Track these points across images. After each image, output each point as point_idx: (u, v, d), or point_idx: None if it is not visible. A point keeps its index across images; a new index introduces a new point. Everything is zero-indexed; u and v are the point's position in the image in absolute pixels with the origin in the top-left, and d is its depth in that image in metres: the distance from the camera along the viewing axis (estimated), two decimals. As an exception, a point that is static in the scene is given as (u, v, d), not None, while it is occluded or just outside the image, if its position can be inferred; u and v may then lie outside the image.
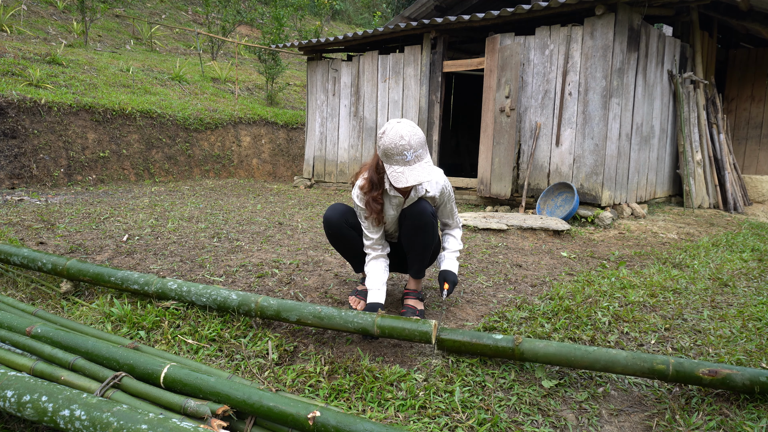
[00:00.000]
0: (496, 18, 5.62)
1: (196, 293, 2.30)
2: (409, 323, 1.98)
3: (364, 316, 2.03)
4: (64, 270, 2.55)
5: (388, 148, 2.05)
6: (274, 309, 2.14)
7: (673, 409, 1.73)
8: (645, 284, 3.02)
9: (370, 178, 2.27)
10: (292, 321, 2.11)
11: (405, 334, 1.98)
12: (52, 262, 2.58)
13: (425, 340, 1.95)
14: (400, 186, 2.04)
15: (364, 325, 2.01)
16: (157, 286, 2.36)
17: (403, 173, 2.05)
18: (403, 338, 1.99)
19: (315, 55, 7.93)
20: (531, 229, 4.50)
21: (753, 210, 6.72)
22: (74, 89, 7.73)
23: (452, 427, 1.64)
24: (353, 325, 2.03)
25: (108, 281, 2.46)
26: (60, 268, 2.56)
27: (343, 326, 2.04)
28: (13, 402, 1.45)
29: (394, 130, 2.07)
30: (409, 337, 1.97)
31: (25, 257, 2.65)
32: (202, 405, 1.49)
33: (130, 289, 2.41)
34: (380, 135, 2.12)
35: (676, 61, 6.40)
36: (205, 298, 2.27)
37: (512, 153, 5.68)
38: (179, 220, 4.64)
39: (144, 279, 2.40)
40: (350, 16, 21.02)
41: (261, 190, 7.29)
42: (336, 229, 2.41)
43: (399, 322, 2.00)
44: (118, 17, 13.43)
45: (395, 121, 2.12)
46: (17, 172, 6.31)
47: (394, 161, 2.07)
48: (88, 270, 2.50)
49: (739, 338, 2.26)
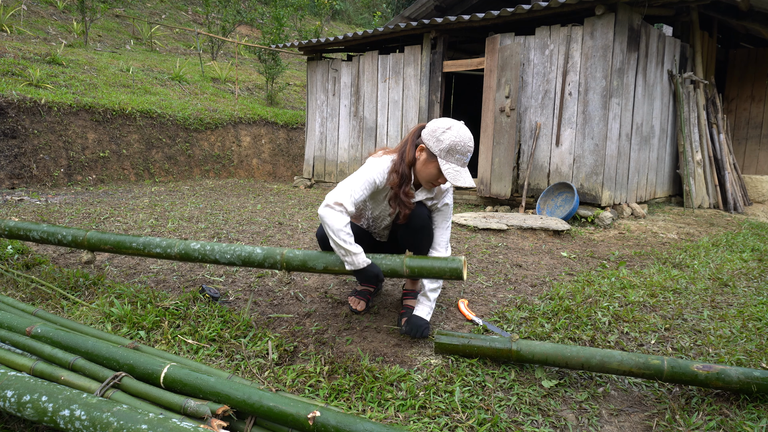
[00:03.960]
0: (496, 18, 5.62)
1: (220, 251, 2.28)
2: (438, 261, 1.99)
3: (393, 258, 2.05)
4: (85, 241, 2.60)
5: (456, 145, 2.05)
6: (300, 259, 2.14)
7: (673, 409, 1.73)
8: (645, 284, 3.02)
9: (402, 171, 2.15)
10: (319, 269, 2.12)
11: (435, 272, 2.00)
12: (72, 234, 2.63)
13: (456, 276, 1.97)
14: (458, 184, 2.04)
15: (393, 266, 2.03)
16: (180, 248, 2.37)
17: (459, 173, 2.07)
18: (432, 276, 2.02)
19: (315, 55, 7.93)
20: (531, 229, 4.49)
21: (753, 210, 6.71)
22: (74, 89, 7.73)
23: (452, 427, 1.64)
24: (384, 268, 2.04)
25: (130, 247, 2.48)
26: (81, 239, 2.61)
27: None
28: (13, 402, 1.45)
29: (462, 130, 2.09)
30: (439, 275, 2.00)
31: (45, 231, 2.69)
32: (202, 405, 1.49)
33: (152, 253, 2.42)
34: (444, 129, 2.07)
35: (676, 61, 6.40)
36: (230, 254, 2.26)
37: (512, 153, 5.68)
38: (179, 220, 4.63)
39: (166, 242, 2.41)
40: (350, 16, 21.01)
41: (261, 190, 7.29)
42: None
43: (428, 261, 2.02)
44: (118, 17, 13.43)
45: (459, 122, 2.12)
46: (17, 172, 6.31)
47: (454, 159, 2.07)
48: (109, 239, 2.55)
49: (739, 338, 2.26)
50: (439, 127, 2.09)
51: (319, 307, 2.56)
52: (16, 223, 2.82)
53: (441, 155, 2.06)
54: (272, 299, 2.66)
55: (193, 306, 2.42)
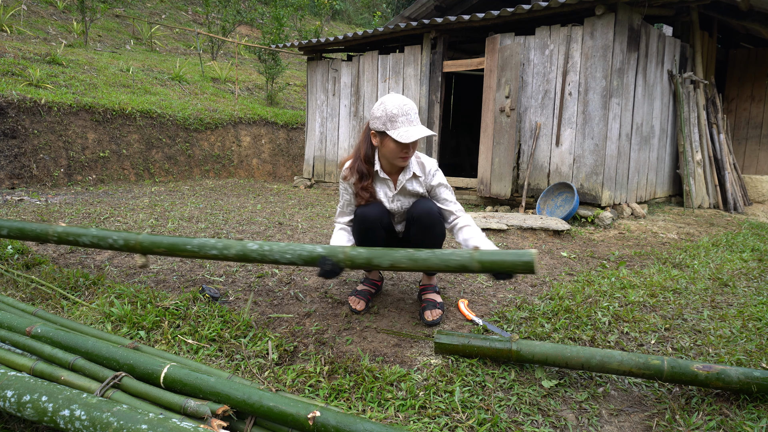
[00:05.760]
0: (496, 18, 5.62)
1: (280, 251, 2.22)
2: (510, 255, 1.91)
3: (462, 253, 1.97)
4: (137, 244, 2.52)
5: (392, 110, 2.15)
6: (364, 257, 2.08)
7: (673, 409, 1.73)
8: (645, 284, 3.02)
9: (358, 169, 2.34)
10: (385, 267, 2.04)
11: (506, 266, 1.91)
12: (124, 238, 2.56)
13: (528, 270, 1.88)
14: (409, 140, 2.13)
15: (463, 262, 1.95)
16: (237, 249, 2.29)
17: (408, 131, 2.15)
18: (504, 270, 1.93)
19: (315, 55, 7.93)
20: (531, 229, 4.50)
21: (753, 210, 6.71)
22: (74, 89, 7.72)
23: (452, 427, 1.64)
24: (452, 263, 1.97)
25: (184, 250, 2.40)
26: (132, 242, 2.53)
27: (442, 266, 1.98)
28: (13, 402, 1.45)
29: (392, 96, 2.21)
30: (511, 268, 1.90)
31: (95, 236, 2.62)
32: (202, 405, 1.49)
33: (208, 255, 2.35)
34: (377, 107, 2.22)
35: (676, 61, 6.40)
36: (290, 254, 2.19)
37: (512, 153, 5.68)
38: (179, 220, 4.64)
39: (222, 244, 2.33)
40: (350, 16, 21.01)
41: (261, 190, 7.29)
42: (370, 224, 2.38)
43: (498, 255, 1.92)
44: (118, 17, 13.43)
45: (389, 94, 2.25)
46: (17, 172, 6.31)
47: (399, 123, 2.16)
48: (162, 242, 2.47)
49: (739, 338, 2.26)
50: (374, 108, 2.25)
51: (319, 307, 2.56)
52: (64, 228, 2.71)
53: (387, 127, 2.19)
54: (272, 299, 2.66)
55: (193, 306, 2.42)
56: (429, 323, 2.35)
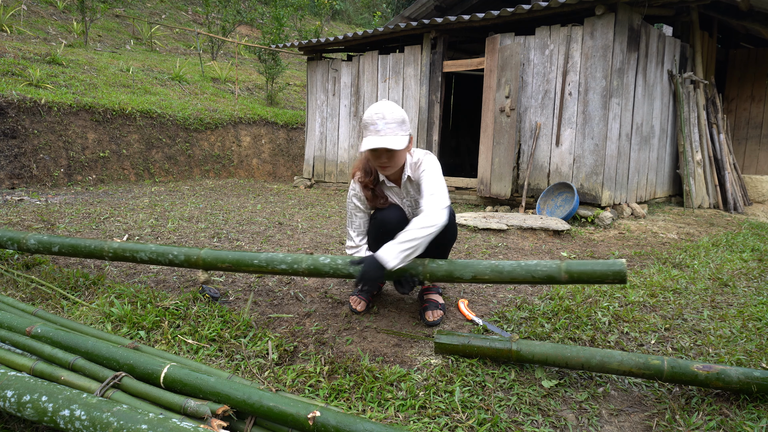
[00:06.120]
0: (496, 18, 5.62)
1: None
2: (599, 264, 1.85)
3: (549, 264, 1.94)
4: (199, 260, 2.44)
5: (366, 121, 2.17)
6: (444, 270, 2.06)
7: (673, 409, 1.73)
8: (645, 284, 3.02)
9: (364, 167, 2.39)
10: (467, 279, 2.01)
11: (596, 277, 1.85)
12: (185, 254, 2.47)
13: (620, 279, 1.83)
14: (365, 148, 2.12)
15: (550, 273, 1.92)
16: (308, 263, 2.22)
17: (369, 139, 2.13)
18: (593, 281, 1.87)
19: (315, 55, 7.93)
20: (531, 229, 4.50)
21: (753, 210, 6.71)
22: (74, 89, 7.72)
23: (452, 427, 1.64)
24: (539, 275, 1.94)
25: (251, 264, 2.32)
26: (194, 258, 2.45)
27: (528, 277, 1.95)
28: (13, 402, 1.45)
29: (373, 105, 2.20)
30: (601, 278, 1.85)
31: (153, 252, 2.54)
32: (202, 405, 1.49)
33: (276, 270, 2.26)
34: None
35: (676, 61, 6.40)
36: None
37: (512, 153, 5.68)
38: (179, 220, 4.63)
39: (292, 258, 2.25)
40: (350, 16, 21.01)
41: (261, 190, 7.29)
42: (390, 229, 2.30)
43: (588, 265, 1.88)
44: (118, 17, 13.43)
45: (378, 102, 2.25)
46: (17, 172, 6.31)
47: (368, 132, 2.16)
48: (226, 257, 2.39)
49: (739, 338, 2.26)
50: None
51: (319, 307, 2.56)
52: (120, 244, 2.64)
53: (362, 136, 2.24)
54: (272, 299, 2.66)
55: (193, 306, 2.42)
56: (430, 323, 2.35)
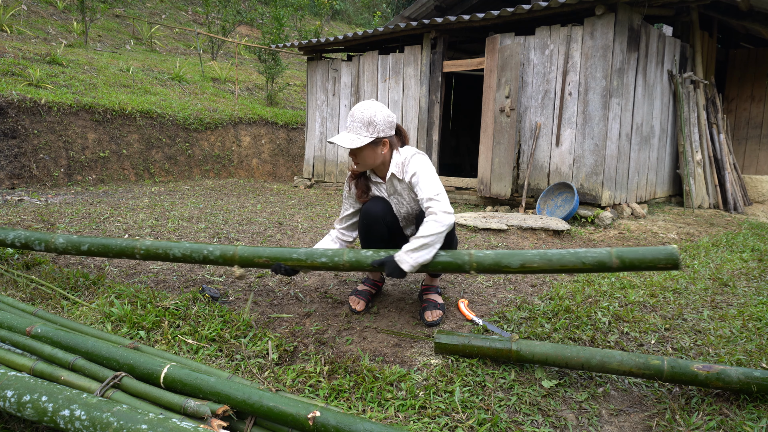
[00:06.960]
0: (496, 18, 5.62)
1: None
2: (651, 250, 1.82)
3: (599, 250, 1.91)
4: (235, 256, 2.43)
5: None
6: (492, 259, 2.05)
7: (673, 409, 1.73)
8: (645, 284, 3.02)
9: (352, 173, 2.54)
10: (515, 268, 2.00)
11: (648, 263, 1.82)
12: (221, 250, 2.46)
13: (673, 264, 1.80)
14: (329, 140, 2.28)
15: (601, 258, 1.90)
16: (350, 256, 2.21)
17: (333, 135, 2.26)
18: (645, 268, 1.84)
19: (315, 55, 7.93)
20: (531, 229, 4.49)
21: (753, 210, 6.71)
22: (74, 89, 7.72)
23: (452, 427, 1.64)
24: (589, 261, 1.91)
25: (290, 258, 2.31)
26: (230, 254, 2.44)
27: (578, 264, 1.93)
28: (13, 402, 1.45)
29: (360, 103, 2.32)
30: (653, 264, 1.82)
31: (187, 249, 2.51)
32: (202, 405, 1.49)
33: (316, 264, 2.26)
34: None
35: (676, 61, 6.40)
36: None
37: (512, 153, 5.68)
38: (179, 220, 4.64)
39: (332, 251, 2.25)
40: (350, 16, 21.01)
41: (261, 190, 7.29)
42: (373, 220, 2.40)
43: (639, 251, 1.85)
44: (118, 17, 13.43)
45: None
46: (17, 172, 6.31)
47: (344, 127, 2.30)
48: (263, 252, 2.38)
49: (739, 338, 2.26)
50: None
51: (319, 307, 2.56)
52: (153, 242, 2.60)
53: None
54: (272, 299, 2.66)
55: (193, 306, 2.42)
56: (429, 324, 2.35)
